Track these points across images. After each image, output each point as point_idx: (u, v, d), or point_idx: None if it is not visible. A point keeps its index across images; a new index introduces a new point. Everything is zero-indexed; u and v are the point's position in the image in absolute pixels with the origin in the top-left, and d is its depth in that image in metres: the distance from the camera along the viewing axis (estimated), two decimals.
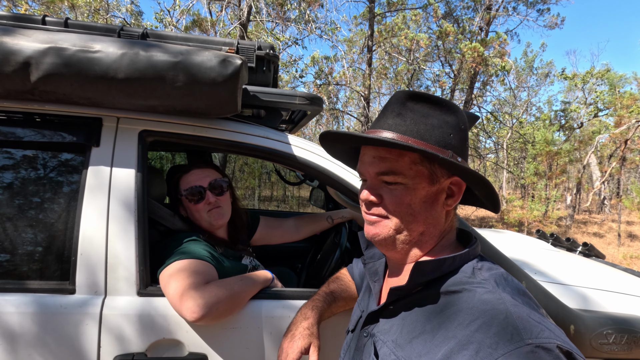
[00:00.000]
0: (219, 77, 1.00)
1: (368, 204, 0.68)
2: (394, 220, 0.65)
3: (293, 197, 11.24)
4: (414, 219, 0.65)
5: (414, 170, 0.64)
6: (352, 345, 0.76)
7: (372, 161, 0.66)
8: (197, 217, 1.29)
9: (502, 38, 9.77)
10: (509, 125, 14.78)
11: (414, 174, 0.64)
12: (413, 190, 0.64)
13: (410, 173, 0.63)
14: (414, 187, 0.64)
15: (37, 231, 1.03)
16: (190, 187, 1.28)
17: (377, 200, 0.66)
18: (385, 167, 0.64)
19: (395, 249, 0.68)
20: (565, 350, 0.48)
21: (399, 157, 0.63)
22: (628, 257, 7.16)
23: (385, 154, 0.64)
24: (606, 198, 15.30)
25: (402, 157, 0.63)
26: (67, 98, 1.01)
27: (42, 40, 0.95)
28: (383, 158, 0.64)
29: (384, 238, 0.67)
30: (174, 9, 7.64)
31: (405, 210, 0.64)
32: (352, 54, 12.15)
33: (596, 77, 12.14)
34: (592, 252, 2.13)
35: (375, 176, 0.66)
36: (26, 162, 1.07)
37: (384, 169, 0.64)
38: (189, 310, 0.95)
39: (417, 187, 0.64)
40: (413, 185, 0.64)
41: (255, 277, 1.14)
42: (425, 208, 0.65)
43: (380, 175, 0.65)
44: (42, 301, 0.99)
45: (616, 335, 1.13)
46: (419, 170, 0.64)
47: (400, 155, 0.63)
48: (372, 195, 0.66)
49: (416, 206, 0.64)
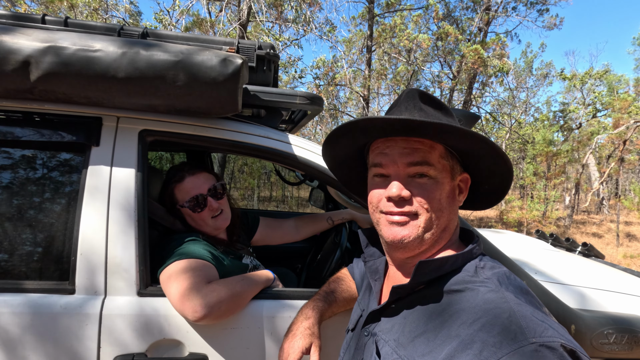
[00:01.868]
0: (220, 76, 1.00)
1: (398, 201, 0.63)
2: (424, 218, 0.62)
3: (292, 198, 11.23)
4: (442, 215, 0.64)
5: (441, 164, 0.64)
6: (352, 344, 0.76)
7: (402, 152, 0.63)
8: (201, 224, 1.26)
9: (502, 40, 9.79)
10: (507, 126, 14.81)
11: (441, 168, 0.64)
12: (441, 184, 0.63)
13: (439, 166, 0.63)
14: (442, 181, 0.64)
15: (36, 231, 1.03)
16: (190, 198, 1.24)
17: (407, 196, 0.62)
18: (420, 157, 0.62)
19: (416, 249, 0.65)
20: (569, 349, 0.48)
21: (430, 148, 0.63)
22: (627, 257, 7.17)
23: (417, 145, 0.62)
24: (605, 198, 15.32)
25: (434, 149, 0.63)
26: (66, 97, 1.01)
27: (41, 40, 0.94)
28: (416, 149, 0.62)
29: (414, 239, 0.63)
30: (173, 9, 7.63)
31: (436, 206, 0.63)
32: (351, 55, 12.17)
33: (595, 78, 12.16)
34: (591, 252, 2.14)
35: (405, 168, 0.63)
36: (26, 162, 1.06)
37: (418, 159, 0.62)
38: (191, 310, 0.95)
39: (444, 182, 0.64)
40: (441, 180, 0.64)
41: (257, 276, 1.13)
42: (449, 203, 0.65)
43: (413, 167, 0.62)
44: (41, 301, 0.98)
45: (617, 335, 1.13)
46: (444, 165, 0.64)
47: (432, 147, 0.63)
48: (402, 190, 0.62)
49: (444, 201, 0.64)
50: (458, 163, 0.68)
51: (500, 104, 15.74)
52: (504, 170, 0.66)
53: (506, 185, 0.70)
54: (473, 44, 9.70)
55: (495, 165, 0.66)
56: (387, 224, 0.65)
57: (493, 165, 0.66)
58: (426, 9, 10.42)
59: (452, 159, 0.66)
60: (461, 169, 0.69)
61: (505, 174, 0.67)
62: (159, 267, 1.07)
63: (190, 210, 1.25)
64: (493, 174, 0.68)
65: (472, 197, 0.74)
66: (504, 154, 0.63)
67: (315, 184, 2.40)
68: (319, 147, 1.24)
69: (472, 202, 0.76)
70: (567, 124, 12.90)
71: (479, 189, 0.73)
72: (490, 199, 0.75)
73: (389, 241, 0.65)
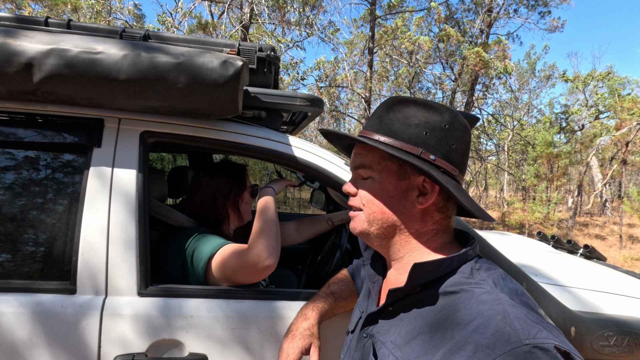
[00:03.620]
0: (220, 78, 1.01)
1: (349, 197, 0.73)
2: (365, 213, 0.69)
3: (294, 199, 11.24)
4: (382, 213, 0.67)
5: (382, 165, 0.67)
6: (352, 345, 0.76)
7: (353, 157, 0.73)
8: (243, 211, 1.43)
9: (504, 43, 9.80)
10: (510, 128, 14.77)
11: (382, 169, 0.67)
12: (380, 184, 0.67)
13: (379, 167, 0.67)
14: (381, 181, 0.67)
15: (38, 231, 1.04)
16: (252, 185, 1.45)
17: (353, 192, 0.72)
18: (359, 161, 0.70)
19: (372, 244, 0.72)
20: (563, 351, 0.48)
21: (369, 152, 0.69)
22: (630, 260, 7.13)
23: (359, 150, 0.71)
24: (607, 200, 15.25)
25: (372, 152, 0.68)
26: (69, 99, 1.02)
27: (44, 42, 0.95)
28: (358, 153, 0.71)
29: (360, 232, 0.71)
30: (176, 11, 7.67)
31: (374, 203, 0.68)
32: (353, 57, 12.19)
33: (597, 80, 12.13)
34: (593, 254, 2.13)
35: (353, 170, 0.72)
36: (28, 163, 1.07)
37: (357, 163, 0.70)
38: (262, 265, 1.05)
39: (384, 182, 0.67)
40: (380, 179, 0.67)
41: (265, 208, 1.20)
42: (392, 203, 0.67)
43: (356, 169, 0.71)
44: (42, 301, 0.99)
45: (617, 337, 1.12)
46: (387, 165, 0.67)
47: (370, 150, 0.68)
48: (350, 187, 0.72)
49: (384, 200, 0.67)
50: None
51: (503, 105, 15.72)
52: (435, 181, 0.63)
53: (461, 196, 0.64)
54: (475, 46, 9.71)
55: None
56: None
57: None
58: (428, 11, 10.44)
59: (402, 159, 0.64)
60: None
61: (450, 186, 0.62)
62: (160, 267, 1.08)
63: (249, 195, 1.42)
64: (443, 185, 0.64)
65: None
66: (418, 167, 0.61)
67: (316, 186, 2.40)
68: (319, 149, 1.25)
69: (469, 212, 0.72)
70: (570, 125, 12.86)
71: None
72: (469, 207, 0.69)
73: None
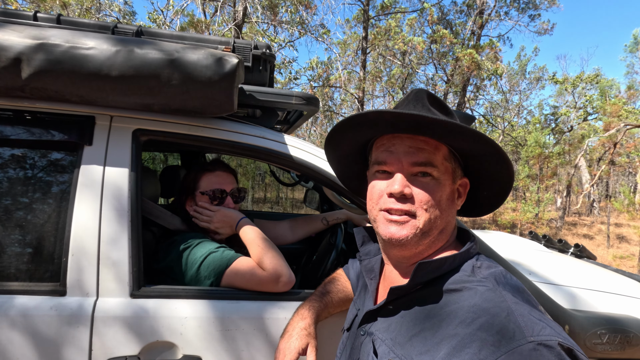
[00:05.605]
0: (215, 75, 0.99)
1: (399, 198, 0.63)
2: (423, 218, 0.62)
3: (287, 199, 11.21)
4: (440, 217, 0.64)
5: (444, 165, 0.65)
6: (349, 344, 0.76)
7: (408, 151, 0.63)
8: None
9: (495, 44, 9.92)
10: (500, 129, 14.96)
11: (444, 170, 0.65)
12: (443, 186, 0.64)
13: (442, 168, 0.64)
14: (443, 182, 0.64)
15: (27, 231, 1.01)
16: (214, 189, 1.29)
17: (409, 194, 0.62)
18: (424, 157, 0.63)
19: (413, 248, 0.65)
20: (566, 347, 0.48)
21: (435, 150, 0.64)
22: (617, 258, 7.28)
23: (423, 145, 0.63)
24: (595, 200, 15.53)
25: (438, 150, 0.64)
26: (59, 95, 0.99)
27: (33, 36, 0.93)
28: (421, 149, 0.63)
29: (412, 239, 0.63)
30: (167, 9, 7.59)
31: (436, 207, 0.63)
32: (346, 57, 12.21)
33: (586, 82, 12.35)
34: (583, 253, 2.16)
35: (409, 167, 0.63)
36: (17, 161, 1.04)
37: (422, 160, 0.63)
38: (285, 282, 1.10)
39: (445, 183, 0.65)
40: (443, 181, 0.64)
41: (250, 231, 1.23)
42: (448, 205, 0.65)
43: (417, 167, 0.63)
44: (31, 303, 0.96)
45: (609, 335, 1.14)
46: (447, 167, 0.65)
47: (437, 148, 0.64)
48: (406, 188, 0.62)
49: (443, 202, 0.64)
50: (459, 167, 0.69)
51: (494, 106, 15.91)
52: (505, 175, 0.67)
53: (505, 192, 0.70)
54: (467, 48, 9.81)
55: (497, 170, 0.66)
56: (385, 221, 0.65)
57: (495, 169, 0.66)
58: (421, 12, 10.52)
59: (455, 161, 0.66)
60: (462, 173, 0.69)
61: (506, 180, 0.67)
62: (154, 268, 1.06)
63: (208, 199, 1.30)
64: (494, 179, 0.68)
65: (470, 203, 0.74)
66: (508, 159, 0.63)
67: (310, 185, 2.39)
68: (315, 148, 1.24)
69: (470, 208, 0.76)
70: (559, 126, 13.08)
71: (477, 195, 0.73)
72: (488, 205, 0.75)
73: (386, 239, 0.65)
